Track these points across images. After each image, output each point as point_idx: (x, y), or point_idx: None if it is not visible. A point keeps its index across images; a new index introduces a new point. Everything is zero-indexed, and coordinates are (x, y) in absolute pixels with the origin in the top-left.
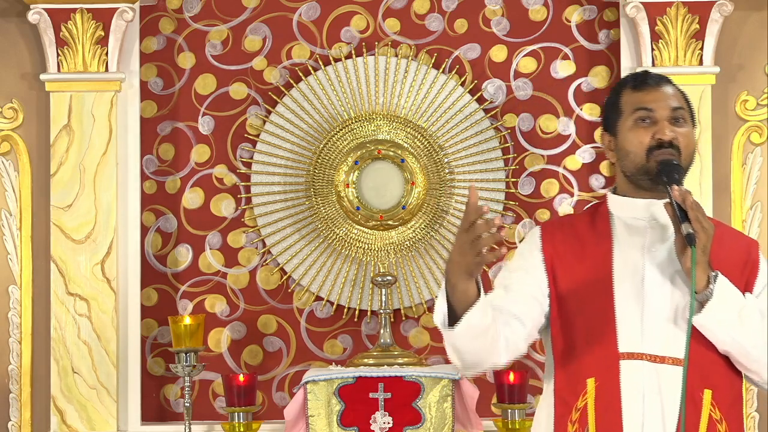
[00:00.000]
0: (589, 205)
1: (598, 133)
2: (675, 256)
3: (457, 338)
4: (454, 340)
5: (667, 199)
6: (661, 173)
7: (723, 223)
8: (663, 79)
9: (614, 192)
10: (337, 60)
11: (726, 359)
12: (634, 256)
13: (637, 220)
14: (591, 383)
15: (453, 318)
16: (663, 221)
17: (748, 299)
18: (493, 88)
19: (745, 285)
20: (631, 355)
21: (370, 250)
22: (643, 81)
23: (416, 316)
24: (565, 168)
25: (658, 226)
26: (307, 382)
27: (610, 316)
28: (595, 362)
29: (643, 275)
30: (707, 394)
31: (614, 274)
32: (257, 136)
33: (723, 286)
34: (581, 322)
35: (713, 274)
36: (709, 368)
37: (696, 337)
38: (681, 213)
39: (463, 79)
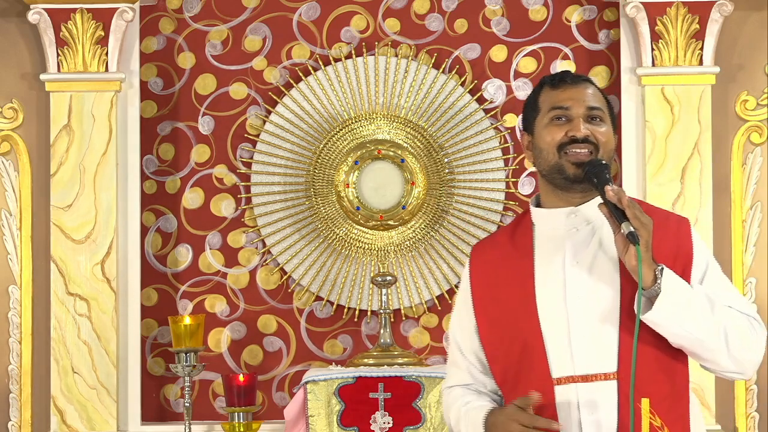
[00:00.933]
0: (516, 215)
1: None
2: (596, 266)
3: None
4: None
5: (599, 201)
6: (590, 174)
7: (651, 207)
8: (582, 79)
9: (537, 202)
10: (337, 60)
11: (662, 364)
12: (555, 272)
13: (555, 231)
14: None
15: None
16: (583, 225)
17: (696, 289)
18: (493, 88)
19: (682, 273)
20: (566, 380)
21: (370, 250)
22: (561, 80)
23: (416, 316)
24: None
25: (578, 233)
26: (307, 382)
27: (538, 342)
28: (530, 389)
29: (565, 293)
30: (645, 403)
31: (537, 296)
32: (257, 136)
33: (670, 279)
34: (513, 352)
35: (659, 268)
36: (644, 377)
37: (627, 346)
38: (617, 212)
39: (463, 79)
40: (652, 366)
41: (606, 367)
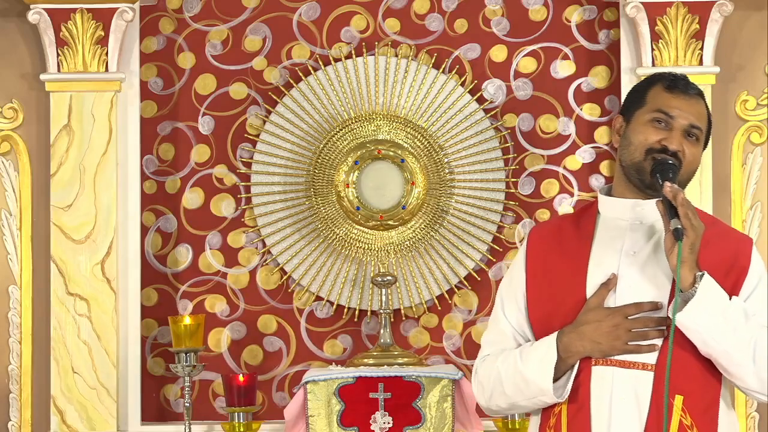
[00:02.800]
0: (584, 204)
1: (598, 133)
2: (654, 260)
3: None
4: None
5: (659, 198)
6: (654, 171)
7: (717, 221)
8: (697, 92)
9: (608, 191)
10: (337, 60)
11: (701, 365)
12: (610, 259)
13: (619, 221)
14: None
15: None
16: (647, 222)
17: (734, 302)
18: (493, 88)
19: (732, 287)
20: (604, 361)
21: (370, 250)
22: (677, 85)
23: (416, 316)
24: (565, 168)
25: (641, 227)
26: (307, 382)
27: None
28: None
29: (616, 281)
30: (678, 400)
31: (588, 277)
32: (257, 136)
33: (708, 286)
34: (557, 326)
35: (699, 273)
36: (681, 373)
37: (667, 342)
38: (671, 210)
39: (463, 79)
40: (691, 364)
41: (645, 358)
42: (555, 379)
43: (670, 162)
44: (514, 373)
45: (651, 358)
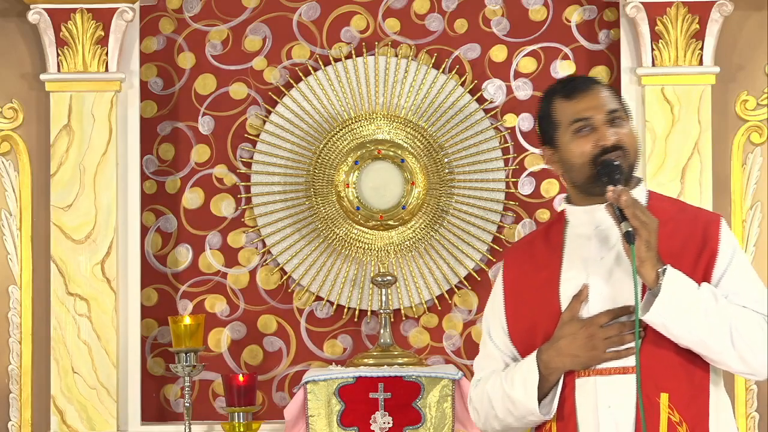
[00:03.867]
0: (554, 215)
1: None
2: (619, 263)
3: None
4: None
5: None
6: (600, 174)
7: (684, 205)
8: (592, 82)
9: (568, 199)
10: (337, 60)
11: (681, 359)
12: (579, 268)
13: (584, 228)
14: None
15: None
16: (608, 226)
17: (703, 289)
18: (493, 88)
19: (705, 270)
20: (585, 372)
21: (370, 250)
22: (573, 88)
23: (416, 316)
24: None
25: (603, 232)
26: (307, 382)
27: None
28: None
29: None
30: (664, 398)
31: (561, 289)
32: (257, 136)
33: (672, 280)
34: (538, 341)
35: (662, 269)
36: (662, 371)
37: (646, 340)
38: (620, 213)
39: (463, 79)
40: (671, 361)
41: (624, 362)
42: (542, 397)
43: (615, 163)
44: (503, 396)
45: (630, 360)
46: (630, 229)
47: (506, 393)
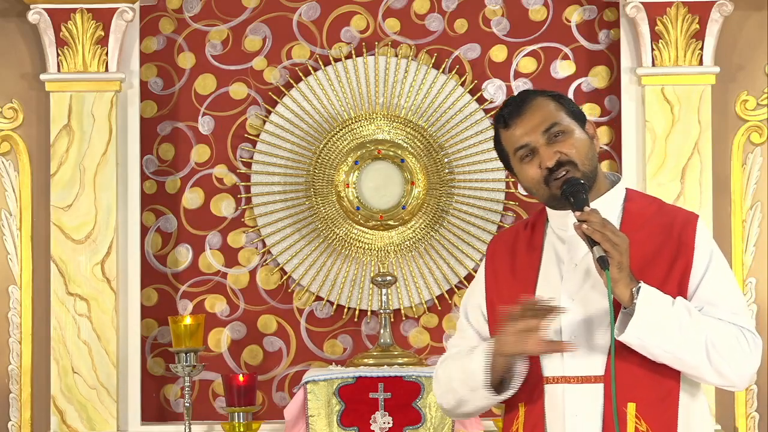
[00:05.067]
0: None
1: (598, 133)
2: (591, 273)
3: (493, 401)
4: (494, 402)
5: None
6: (565, 194)
7: (662, 204)
8: (525, 102)
9: None
10: (337, 60)
11: (651, 369)
12: (554, 273)
13: (563, 231)
14: (521, 408)
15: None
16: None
17: (677, 305)
18: (493, 88)
19: (680, 279)
20: (555, 379)
21: (370, 250)
22: (509, 115)
23: (416, 316)
24: None
25: (577, 238)
26: (307, 382)
27: None
28: (525, 388)
29: (560, 294)
30: (631, 408)
31: (537, 293)
32: (257, 136)
33: (646, 298)
34: None
35: (635, 288)
36: (630, 382)
37: (616, 352)
38: (589, 238)
39: (463, 79)
40: (638, 371)
41: (594, 370)
42: (499, 385)
43: (577, 182)
44: (461, 366)
45: (599, 369)
46: (603, 254)
47: (465, 364)
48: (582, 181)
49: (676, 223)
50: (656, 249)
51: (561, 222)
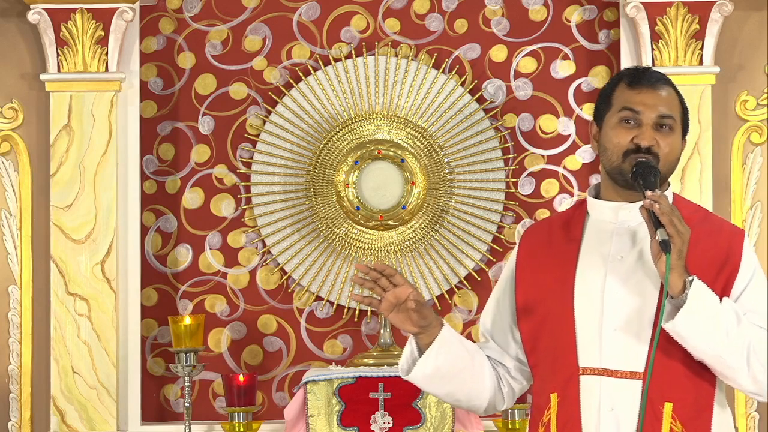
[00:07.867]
0: (575, 201)
1: None
2: (641, 264)
3: (420, 383)
4: (420, 385)
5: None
6: (636, 175)
7: (709, 214)
8: (660, 80)
9: (596, 192)
10: (337, 60)
11: (690, 370)
12: (597, 264)
13: (606, 224)
14: (554, 398)
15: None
16: (631, 226)
17: (725, 305)
18: (493, 88)
19: (725, 284)
20: (591, 371)
21: (370, 250)
22: (639, 79)
23: None
24: (565, 168)
25: (627, 231)
26: (307, 382)
27: (570, 329)
28: (557, 377)
29: (603, 286)
30: (668, 407)
31: (576, 284)
32: (257, 136)
33: (698, 291)
34: (545, 335)
35: (689, 279)
36: (670, 381)
37: (657, 349)
38: (656, 218)
39: (463, 79)
40: (678, 371)
41: (633, 366)
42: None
43: (651, 165)
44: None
45: (639, 365)
46: (666, 237)
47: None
48: (653, 165)
49: (723, 232)
50: (703, 254)
51: (609, 215)
